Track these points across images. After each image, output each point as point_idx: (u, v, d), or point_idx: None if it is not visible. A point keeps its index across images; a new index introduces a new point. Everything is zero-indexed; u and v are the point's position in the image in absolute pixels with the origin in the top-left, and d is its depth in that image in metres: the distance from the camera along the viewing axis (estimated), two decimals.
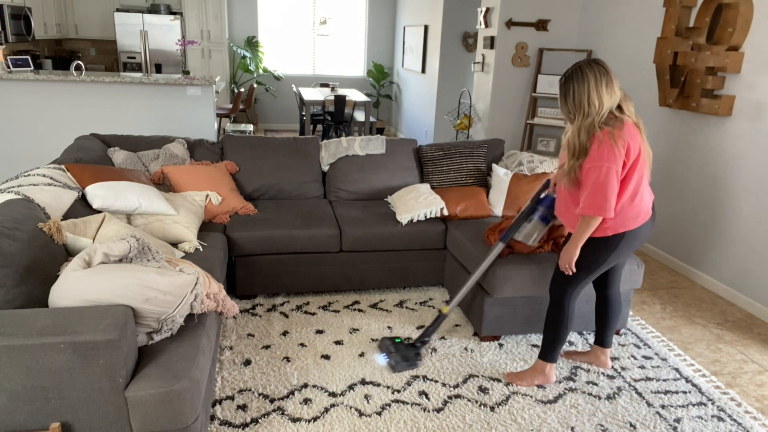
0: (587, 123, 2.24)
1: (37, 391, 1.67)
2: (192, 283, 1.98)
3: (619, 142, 2.20)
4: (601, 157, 2.20)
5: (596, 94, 2.22)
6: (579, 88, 2.23)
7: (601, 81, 2.22)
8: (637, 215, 2.37)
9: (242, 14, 9.38)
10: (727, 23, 3.71)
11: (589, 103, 2.22)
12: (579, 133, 2.26)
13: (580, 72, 2.24)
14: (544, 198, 2.71)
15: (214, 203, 3.39)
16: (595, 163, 2.22)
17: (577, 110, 2.26)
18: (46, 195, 2.46)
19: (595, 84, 2.21)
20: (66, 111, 5.01)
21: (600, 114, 2.22)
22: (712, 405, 2.63)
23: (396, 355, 2.79)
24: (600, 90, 2.22)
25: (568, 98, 2.28)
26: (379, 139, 4.05)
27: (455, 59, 7.63)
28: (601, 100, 2.22)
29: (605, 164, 2.20)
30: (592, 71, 2.23)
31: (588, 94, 2.22)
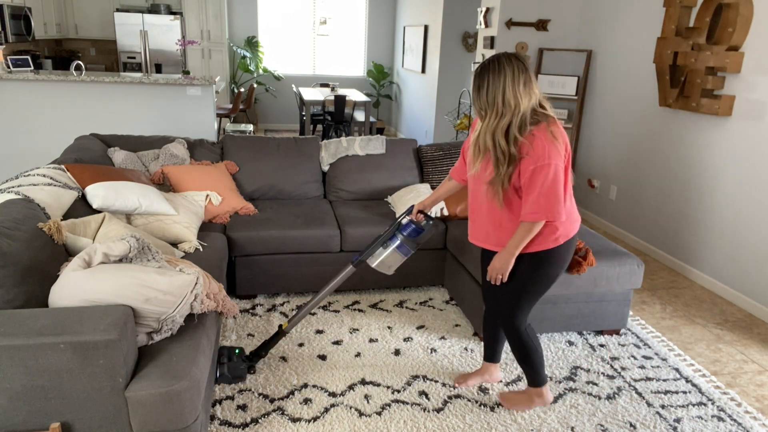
0: (503, 124, 1.99)
1: (37, 391, 1.67)
2: (192, 283, 1.98)
3: (558, 137, 2.01)
4: (546, 155, 1.97)
5: (512, 92, 1.97)
6: (494, 82, 1.98)
7: (518, 78, 1.97)
8: (577, 217, 2.22)
9: (242, 14, 9.38)
10: (727, 23, 3.71)
11: (504, 102, 1.98)
12: (494, 135, 2.01)
13: (497, 64, 1.99)
14: (407, 225, 2.42)
15: (214, 203, 3.39)
16: (540, 162, 1.98)
17: (490, 108, 2.01)
18: (46, 195, 2.46)
19: (512, 81, 1.96)
20: (66, 111, 5.01)
21: (517, 115, 1.98)
22: (712, 405, 2.63)
23: (227, 366, 2.54)
24: (516, 88, 1.97)
25: (481, 92, 2.02)
26: (379, 139, 4.05)
27: (455, 59, 7.63)
28: (517, 99, 1.97)
29: (552, 162, 1.98)
30: (511, 66, 1.97)
31: (503, 91, 1.97)
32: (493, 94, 1.99)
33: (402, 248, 2.41)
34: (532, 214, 2.04)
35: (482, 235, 2.27)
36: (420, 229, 2.41)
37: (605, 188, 5.21)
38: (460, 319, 3.32)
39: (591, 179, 5.42)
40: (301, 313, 2.59)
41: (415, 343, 3.03)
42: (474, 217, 2.30)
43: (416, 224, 2.41)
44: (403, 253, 2.41)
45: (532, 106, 2.02)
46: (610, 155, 5.12)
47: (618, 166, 5.01)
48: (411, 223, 2.41)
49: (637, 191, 4.75)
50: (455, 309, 3.44)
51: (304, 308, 2.59)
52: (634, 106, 4.76)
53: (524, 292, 2.24)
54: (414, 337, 3.10)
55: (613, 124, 5.07)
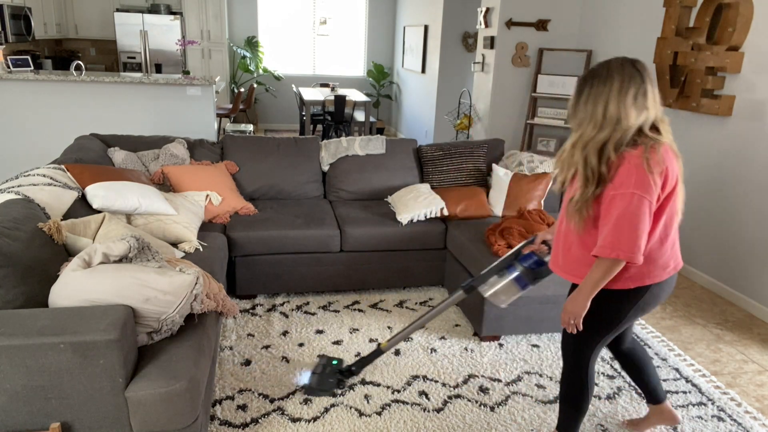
0: (599, 139, 1.73)
1: (37, 391, 1.67)
2: (192, 283, 1.98)
3: (655, 168, 1.69)
4: (631, 183, 1.68)
5: (616, 104, 1.70)
6: (598, 90, 1.73)
7: (627, 89, 1.69)
8: (667, 263, 1.87)
9: (242, 14, 9.38)
10: (727, 23, 3.71)
11: (604, 115, 1.71)
12: (585, 149, 1.75)
13: (606, 70, 1.73)
14: (528, 255, 2.17)
15: (214, 203, 3.39)
16: (621, 190, 1.70)
17: (587, 119, 1.75)
18: (46, 195, 2.46)
19: (619, 91, 1.70)
20: (66, 111, 5.01)
21: (619, 132, 1.71)
22: (712, 405, 2.63)
23: (317, 377, 2.52)
24: (624, 100, 1.69)
25: (581, 99, 1.77)
26: (379, 139, 4.05)
27: (455, 59, 7.63)
28: (620, 113, 1.70)
29: (637, 192, 1.68)
30: (621, 74, 1.71)
31: (606, 102, 1.71)
32: (593, 104, 1.73)
33: (520, 281, 2.14)
34: (602, 248, 1.75)
35: (554, 257, 2.03)
36: (542, 261, 2.12)
37: None
38: (460, 319, 3.32)
39: None
40: (401, 333, 2.49)
41: (415, 343, 3.03)
42: (555, 240, 2.04)
43: (538, 256, 2.13)
44: (521, 286, 2.14)
45: (640, 124, 1.73)
46: None
47: None
48: (532, 253, 2.15)
49: None
50: (455, 309, 3.44)
51: (404, 329, 2.48)
52: None
53: (593, 328, 1.95)
54: (414, 337, 3.10)
55: None
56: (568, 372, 2.08)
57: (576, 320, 1.87)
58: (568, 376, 2.09)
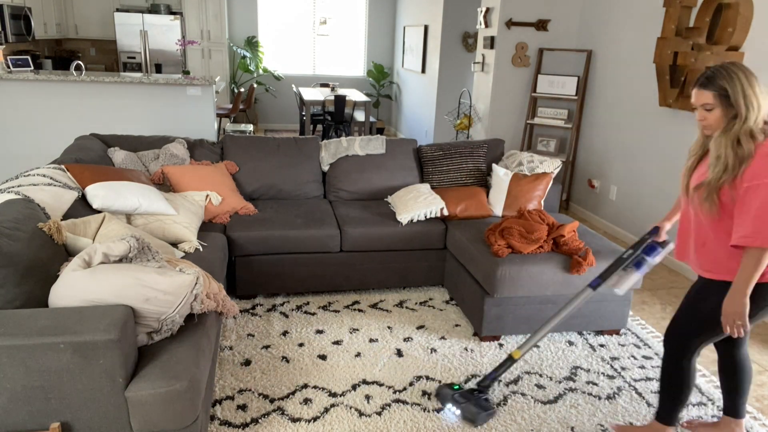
0: (746, 129, 1.82)
1: (37, 391, 1.67)
2: (192, 283, 1.98)
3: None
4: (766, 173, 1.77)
5: (752, 91, 1.82)
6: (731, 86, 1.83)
7: (752, 78, 1.84)
8: None
9: (242, 14, 9.38)
10: (727, 23, 3.71)
11: (746, 104, 1.81)
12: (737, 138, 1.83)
13: (725, 71, 1.85)
14: (651, 247, 2.32)
15: (214, 203, 3.39)
16: (757, 181, 1.78)
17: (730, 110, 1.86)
18: (46, 195, 2.46)
19: (747, 82, 1.83)
20: (66, 111, 5.01)
21: (757, 118, 1.82)
22: (712, 405, 2.63)
23: (469, 405, 2.42)
24: (755, 89, 1.83)
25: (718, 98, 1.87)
26: (379, 139, 4.05)
27: (455, 59, 7.63)
28: (758, 99, 1.82)
29: None
30: (740, 69, 1.84)
31: (743, 92, 1.82)
32: (735, 97, 1.83)
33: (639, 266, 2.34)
34: (745, 238, 1.80)
35: (683, 250, 2.14)
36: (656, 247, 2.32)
37: (605, 188, 5.21)
38: (460, 319, 3.32)
39: (591, 179, 5.42)
40: (534, 339, 2.46)
41: (415, 343, 3.03)
42: (681, 231, 2.13)
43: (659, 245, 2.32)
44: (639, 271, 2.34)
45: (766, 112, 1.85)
46: (610, 155, 5.12)
47: (618, 166, 5.01)
48: (655, 244, 2.32)
49: (637, 191, 4.75)
50: (455, 309, 3.44)
51: (535, 335, 2.46)
52: (634, 106, 4.76)
53: (709, 323, 1.99)
54: (414, 337, 3.10)
55: (613, 124, 5.07)
56: (674, 360, 2.11)
57: (741, 320, 1.87)
58: (670, 367, 2.13)
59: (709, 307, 1.98)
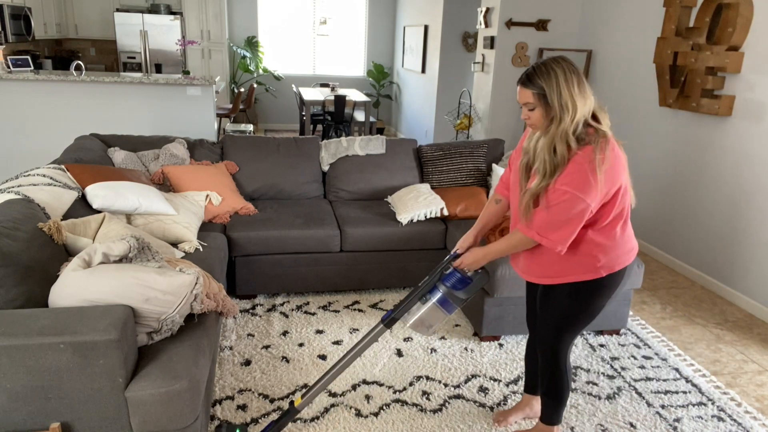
0: (561, 131, 1.76)
1: (37, 391, 1.67)
2: (192, 283, 1.98)
3: (603, 166, 1.73)
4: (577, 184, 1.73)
5: (568, 92, 1.74)
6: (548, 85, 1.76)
7: (571, 79, 1.76)
8: (633, 246, 1.98)
9: (242, 14, 9.38)
10: (727, 23, 3.71)
11: (560, 104, 1.75)
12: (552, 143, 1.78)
13: (544, 68, 1.77)
14: (450, 274, 2.00)
15: (214, 203, 3.39)
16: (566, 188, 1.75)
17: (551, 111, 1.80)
18: (46, 195, 2.46)
19: (565, 80, 1.75)
20: (66, 111, 5.01)
21: (574, 121, 1.75)
22: (712, 405, 2.63)
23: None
24: (572, 89, 1.75)
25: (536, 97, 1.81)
26: (379, 139, 4.05)
27: (455, 59, 7.63)
28: (574, 100, 1.75)
29: (580, 196, 1.74)
30: (560, 67, 1.76)
31: (559, 91, 1.74)
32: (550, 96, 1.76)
33: (445, 304, 1.99)
34: (529, 230, 1.85)
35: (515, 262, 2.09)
36: (466, 279, 1.99)
37: None
38: (460, 319, 3.32)
39: None
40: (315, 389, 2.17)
41: (415, 343, 3.03)
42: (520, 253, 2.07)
43: (461, 273, 1.99)
44: (447, 309, 2.00)
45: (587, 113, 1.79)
46: None
47: None
48: (455, 271, 2.00)
49: (637, 191, 4.73)
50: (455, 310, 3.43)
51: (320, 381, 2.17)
52: (634, 106, 4.76)
53: (565, 323, 2.03)
54: (414, 337, 3.10)
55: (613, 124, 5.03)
56: (549, 366, 2.14)
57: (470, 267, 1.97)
58: (548, 370, 2.15)
59: (559, 312, 2.01)
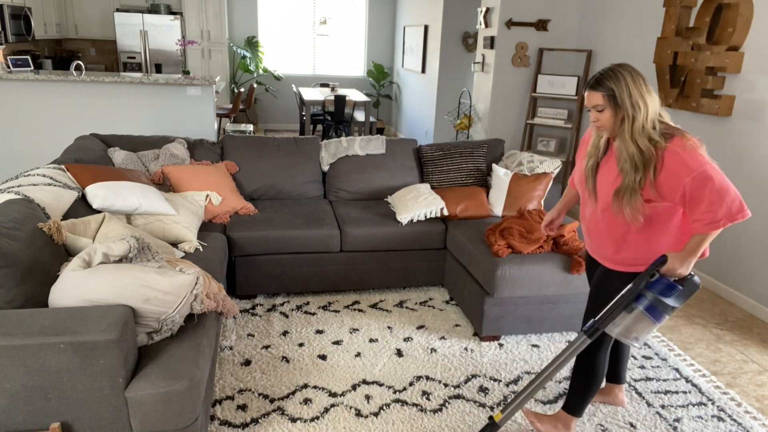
0: (637, 128, 1.88)
1: (37, 391, 1.67)
2: (192, 283, 1.98)
3: (697, 146, 1.84)
4: (693, 163, 1.80)
5: (638, 92, 1.87)
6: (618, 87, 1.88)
7: (638, 80, 1.89)
8: None
9: (242, 14, 9.38)
10: (727, 23, 3.71)
11: (632, 104, 1.87)
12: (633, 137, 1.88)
13: (612, 72, 1.90)
14: (657, 281, 1.92)
15: (214, 203, 3.39)
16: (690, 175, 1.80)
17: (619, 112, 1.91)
18: (46, 195, 2.46)
19: (633, 82, 1.88)
20: (66, 111, 5.01)
21: (648, 118, 1.88)
22: (712, 405, 2.63)
23: None
24: (641, 89, 1.88)
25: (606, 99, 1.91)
26: (379, 139, 4.05)
27: (455, 59, 7.63)
28: (644, 99, 1.87)
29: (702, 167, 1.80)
30: (626, 70, 1.89)
31: (629, 92, 1.87)
32: (621, 98, 1.88)
33: (653, 311, 1.91)
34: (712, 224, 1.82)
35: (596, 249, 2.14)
36: (673, 284, 1.90)
37: None
38: (460, 319, 3.32)
39: None
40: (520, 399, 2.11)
41: (415, 343, 3.03)
42: (590, 234, 2.15)
43: (668, 278, 1.91)
44: (655, 318, 1.91)
45: (657, 111, 1.91)
46: None
47: None
48: (662, 278, 1.92)
49: None
50: (455, 309, 3.44)
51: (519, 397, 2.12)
52: None
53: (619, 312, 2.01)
54: (414, 337, 3.10)
55: None
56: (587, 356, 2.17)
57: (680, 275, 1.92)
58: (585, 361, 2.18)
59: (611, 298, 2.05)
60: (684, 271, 1.91)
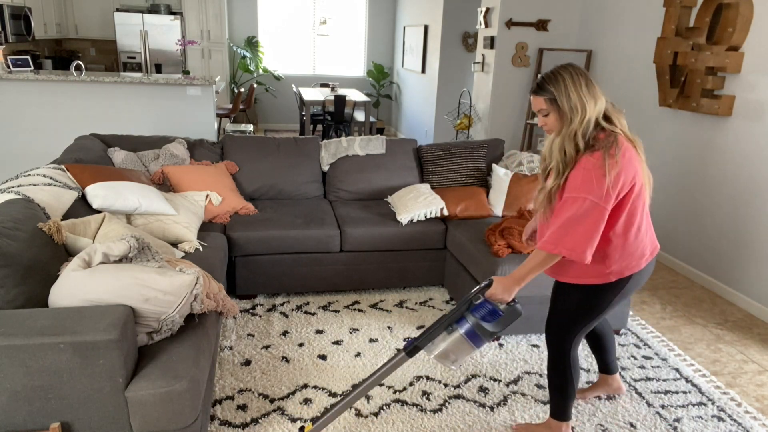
0: (570, 131, 1.83)
1: (37, 391, 1.67)
2: (192, 283, 1.98)
3: (612, 171, 1.76)
4: (585, 188, 1.78)
5: (576, 94, 1.82)
6: (557, 89, 1.84)
7: (578, 81, 1.83)
8: (643, 253, 1.97)
9: (242, 14, 9.38)
10: (727, 23, 3.71)
11: (570, 107, 1.82)
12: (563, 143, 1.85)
13: (552, 75, 1.86)
14: (480, 305, 1.90)
15: (214, 203, 3.39)
16: (574, 194, 1.80)
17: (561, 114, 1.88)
18: (46, 195, 2.46)
19: (573, 83, 1.82)
20: (66, 111, 5.01)
21: (583, 121, 1.82)
22: (712, 405, 2.63)
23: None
24: (580, 90, 1.82)
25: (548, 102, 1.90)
26: (379, 139, 4.05)
27: (455, 59, 7.63)
28: (583, 102, 1.81)
29: (589, 198, 1.77)
30: (567, 71, 1.85)
31: (567, 94, 1.82)
32: (559, 99, 1.84)
33: (473, 337, 1.87)
34: (546, 243, 1.86)
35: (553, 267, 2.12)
36: (497, 311, 1.89)
37: None
38: None
39: None
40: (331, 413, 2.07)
41: None
42: None
43: (493, 305, 1.91)
44: (474, 343, 1.88)
45: (597, 114, 1.85)
46: None
47: None
48: (485, 302, 1.91)
49: None
50: None
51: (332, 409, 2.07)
52: (634, 106, 4.76)
53: (572, 320, 2.08)
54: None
55: None
56: (554, 361, 2.18)
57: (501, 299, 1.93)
58: (554, 366, 2.19)
59: (566, 308, 2.09)
60: (507, 297, 1.92)
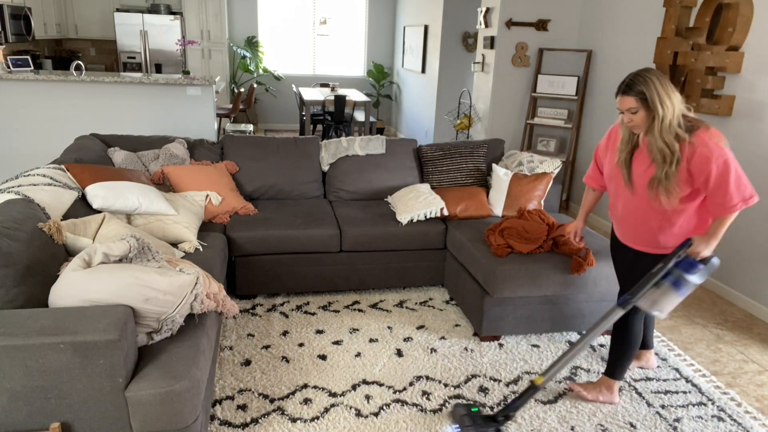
0: (666, 125, 2.10)
1: (37, 391, 1.67)
2: (192, 283, 1.98)
3: (721, 141, 2.08)
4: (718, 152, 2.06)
5: (665, 93, 2.09)
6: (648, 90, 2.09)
7: (664, 83, 2.10)
8: None
9: (242, 14, 9.38)
10: (727, 23, 3.71)
11: (661, 104, 2.08)
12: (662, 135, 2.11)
13: (641, 77, 2.11)
14: (684, 260, 2.21)
15: (214, 203, 3.39)
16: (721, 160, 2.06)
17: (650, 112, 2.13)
18: (46, 195, 2.46)
19: (661, 85, 2.09)
20: (66, 111, 5.01)
21: (675, 115, 2.10)
22: (712, 405, 2.63)
23: (471, 429, 2.24)
24: (667, 90, 2.10)
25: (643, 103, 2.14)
26: (379, 139, 4.05)
27: (455, 59, 7.63)
28: (671, 99, 2.09)
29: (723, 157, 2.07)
30: (653, 74, 2.11)
31: (658, 94, 2.08)
32: (651, 98, 2.09)
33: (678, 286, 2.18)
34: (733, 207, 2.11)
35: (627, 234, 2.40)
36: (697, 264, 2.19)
37: None
38: (460, 319, 3.32)
39: None
40: (557, 365, 2.30)
41: (415, 343, 3.03)
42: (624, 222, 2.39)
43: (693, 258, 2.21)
44: (680, 292, 2.18)
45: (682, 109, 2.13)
46: None
47: None
48: (689, 258, 2.21)
49: None
50: (455, 309, 3.44)
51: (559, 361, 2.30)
52: None
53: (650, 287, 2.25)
54: (414, 337, 3.10)
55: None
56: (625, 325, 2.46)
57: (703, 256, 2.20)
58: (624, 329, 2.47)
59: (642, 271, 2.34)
60: (707, 253, 2.19)
